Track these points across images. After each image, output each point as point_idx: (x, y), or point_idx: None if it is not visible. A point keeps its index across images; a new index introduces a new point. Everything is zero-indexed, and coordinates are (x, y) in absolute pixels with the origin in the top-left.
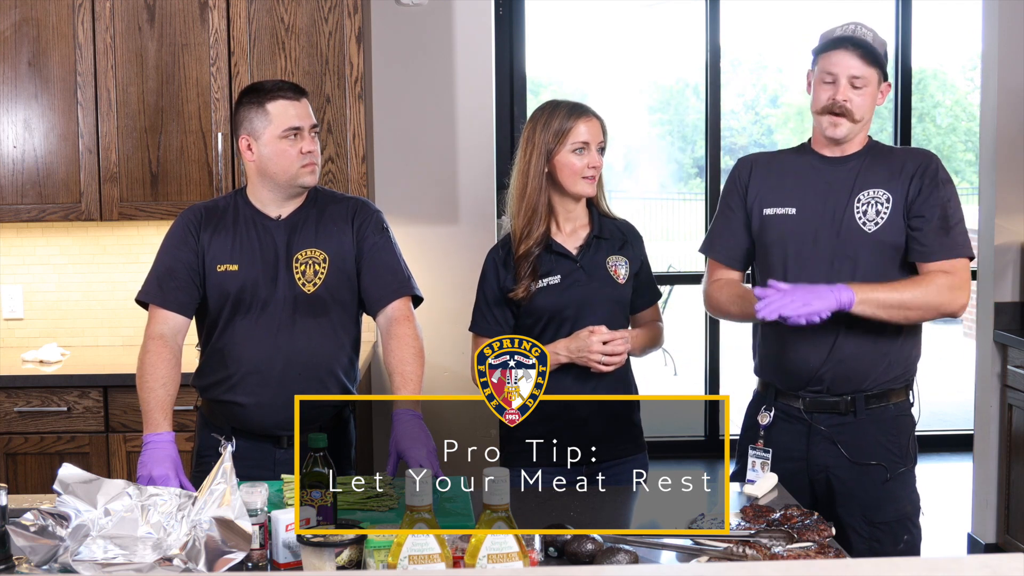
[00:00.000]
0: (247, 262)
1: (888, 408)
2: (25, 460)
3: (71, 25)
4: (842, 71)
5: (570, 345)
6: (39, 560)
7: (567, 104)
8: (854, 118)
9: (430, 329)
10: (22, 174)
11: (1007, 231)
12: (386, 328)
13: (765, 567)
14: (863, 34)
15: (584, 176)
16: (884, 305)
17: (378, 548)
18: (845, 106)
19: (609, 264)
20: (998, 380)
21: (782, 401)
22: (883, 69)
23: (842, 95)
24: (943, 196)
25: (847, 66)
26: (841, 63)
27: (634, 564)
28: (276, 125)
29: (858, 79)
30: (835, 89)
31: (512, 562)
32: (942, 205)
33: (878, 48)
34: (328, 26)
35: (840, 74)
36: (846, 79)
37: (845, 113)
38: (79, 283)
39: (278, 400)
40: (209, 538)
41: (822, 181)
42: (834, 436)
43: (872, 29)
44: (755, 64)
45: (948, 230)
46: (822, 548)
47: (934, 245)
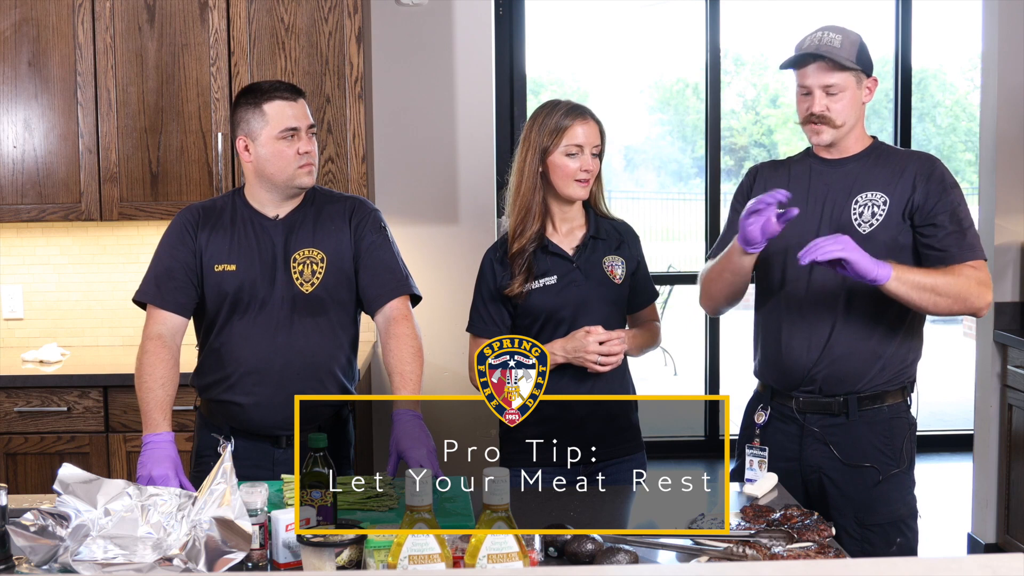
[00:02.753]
0: (245, 262)
1: (882, 410)
2: (25, 460)
3: (71, 25)
4: (814, 83)
5: (566, 345)
6: (39, 560)
7: (566, 104)
8: (835, 124)
9: (430, 329)
10: (22, 174)
11: (1007, 231)
12: (385, 327)
13: (765, 567)
14: (829, 40)
15: (577, 179)
16: (918, 286)
17: (378, 548)
18: (823, 115)
19: (606, 264)
20: (998, 380)
21: (777, 401)
22: (862, 68)
23: (818, 107)
24: (953, 200)
25: (817, 79)
26: (810, 76)
27: (634, 564)
28: (273, 126)
29: (831, 87)
30: (811, 101)
31: (512, 562)
32: (952, 210)
33: (844, 53)
34: (328, 26)
35: (812, 86)
36: (819, 90)
37: (824, 121)
38: (79, 283)
39: (277, 400)
40: (209, 538)
41: (821, 183)
42: (826, 437)
43: (841, 30)
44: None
45: (964, 232)
46: (822, 548)
47: (953, 249)
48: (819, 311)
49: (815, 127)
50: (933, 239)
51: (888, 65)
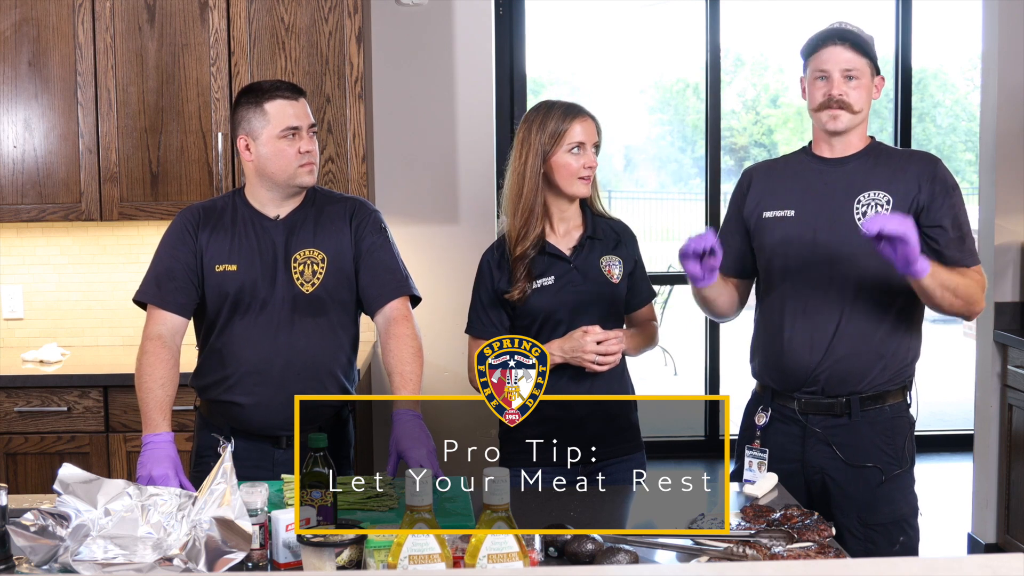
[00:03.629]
0: (246, 262)
1: (884, 410)
2: (25, 460)
3: (71, 25)
4: (833, 65)
5: (564, 345)
6: (39, 560)
7: (562, 105)
8: (853, 109)
9: (429, 329)
10: (22, 174)
11: (1007, 231)
12: (385, 328)
13: (765, 567)
14: (850, 27)
15: (580, 176)
16: (943, 284)
17: (378, 548)
18: (842, 99)
19: (603, 264)
20: (998, 380)
21: (778, 402)
22: (874, 62)
23: (837, 89)
24: (956, 203)
25: (838, 60)
26: (831, 58)
27: (634, 564)
28: (274, 125)
29: (851, 71)
30: (829, 84)
31: (512, 562)
32: (955, 214)
33: (866, 39)
34: (328, 26)
35: (832, 69)
36: (839, 73)
37: (843, 106)
38: (79, 283)
39: (277, 400)
40: (209, 538)
41: (821, 183)
42: (829, 438)
43: (859, 25)
44: (756, 64)
45: (964, 238)
46: (822, 548)
47: (956, 253)
48: (823, 310)
49: (833, 111)
50: (936, 243)
51: (888, 65)
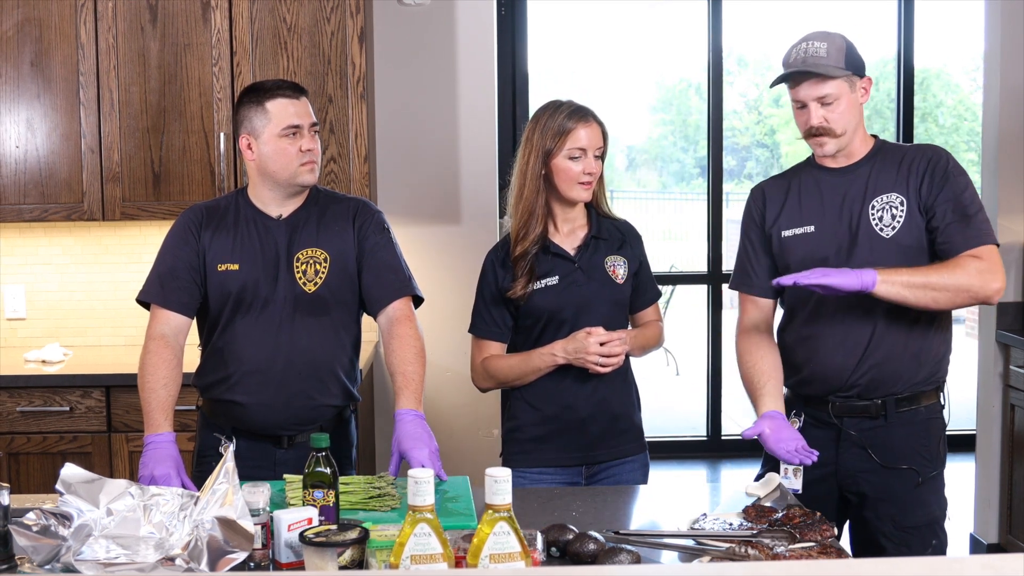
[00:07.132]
0: (248, 262)
1: (919, 411)
2: (27, 460)
3: (73, 25)
4: (806, 97)
5: (567, 346)
6: (41, 560)
7: (569, 106)
8: (835, 134)
9: (432, 329)
10: (24, 174)
11: (1009, 231)
12: (387, 328)
13: (767, 567)
14: (815, 51)
15: (580, 182)
16: (909, 285)
17: (380, 548)
18: (822, 127)
19: (608, 264)
20: (1000, 380)
21: (811, 407)
22: (852, 71)
23: (816, 120)
24: (957, 188)
25: (809, 92)
26: (801, 91)
27: (636, 564)
28: (276, 123)
29: (825, 97)
30: (808, 114)
31: (514, 562)
32: (956, 197)
33: (832, 61)
34: (330, 26)
35: (806, 100)
36: (814, 103)
37: (825, 132)
38: (81, 283)
39: (279, 400)
40: (211, 538)
41: (835, 194)
42: (864, 441)
43: (825, 36)
44: (758, 64)
45: (968, 220)
46: (824, 548)
47: (956, 238)
48: (857, 317)
49: (817, 139)
50: (936, 230)
51: (891, 65)
